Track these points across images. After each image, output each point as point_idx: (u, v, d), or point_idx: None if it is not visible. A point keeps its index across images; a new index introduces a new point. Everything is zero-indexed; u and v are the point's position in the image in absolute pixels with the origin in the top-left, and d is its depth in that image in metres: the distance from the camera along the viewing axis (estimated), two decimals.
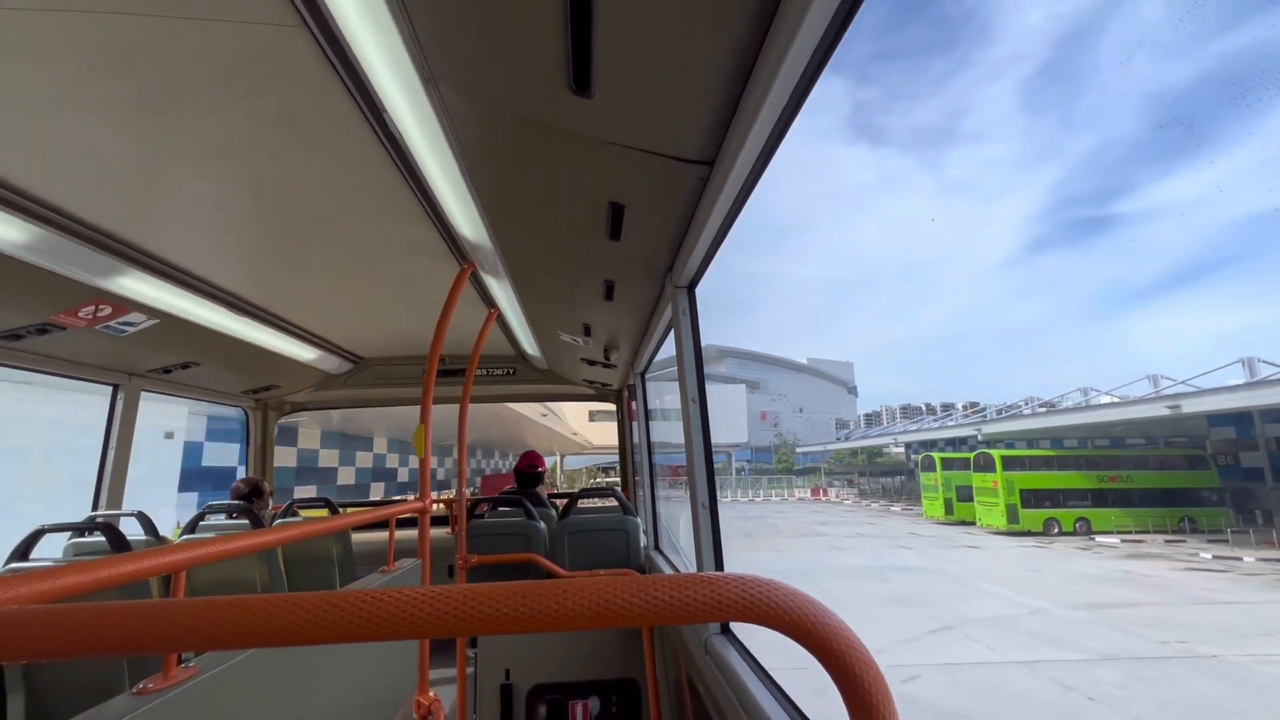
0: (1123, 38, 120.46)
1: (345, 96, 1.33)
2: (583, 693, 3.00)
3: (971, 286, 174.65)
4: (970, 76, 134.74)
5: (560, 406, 17.65)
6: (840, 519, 30.72)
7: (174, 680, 1.33)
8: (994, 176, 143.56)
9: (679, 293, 2.05)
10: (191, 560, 1.18)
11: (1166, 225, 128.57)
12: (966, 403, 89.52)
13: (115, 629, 0.48)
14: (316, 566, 3.36)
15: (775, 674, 1.52)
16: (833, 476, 56.82)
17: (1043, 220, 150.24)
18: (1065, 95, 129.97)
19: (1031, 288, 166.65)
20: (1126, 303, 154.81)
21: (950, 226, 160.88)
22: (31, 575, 0.76)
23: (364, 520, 2.14)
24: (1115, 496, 23.12)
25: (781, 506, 41.25)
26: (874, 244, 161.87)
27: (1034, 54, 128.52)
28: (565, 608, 0.49)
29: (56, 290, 2.13)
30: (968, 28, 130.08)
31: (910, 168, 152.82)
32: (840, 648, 0.47)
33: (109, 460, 3.17)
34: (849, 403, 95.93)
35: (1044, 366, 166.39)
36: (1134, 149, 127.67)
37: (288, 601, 0.49)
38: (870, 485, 50.01)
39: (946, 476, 27.12)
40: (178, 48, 1.18)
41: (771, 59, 0.98)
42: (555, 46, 1.04)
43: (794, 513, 35.36)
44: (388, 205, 1.90)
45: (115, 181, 1.69)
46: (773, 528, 27.23)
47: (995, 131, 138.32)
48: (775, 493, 49.71)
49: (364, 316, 3.30)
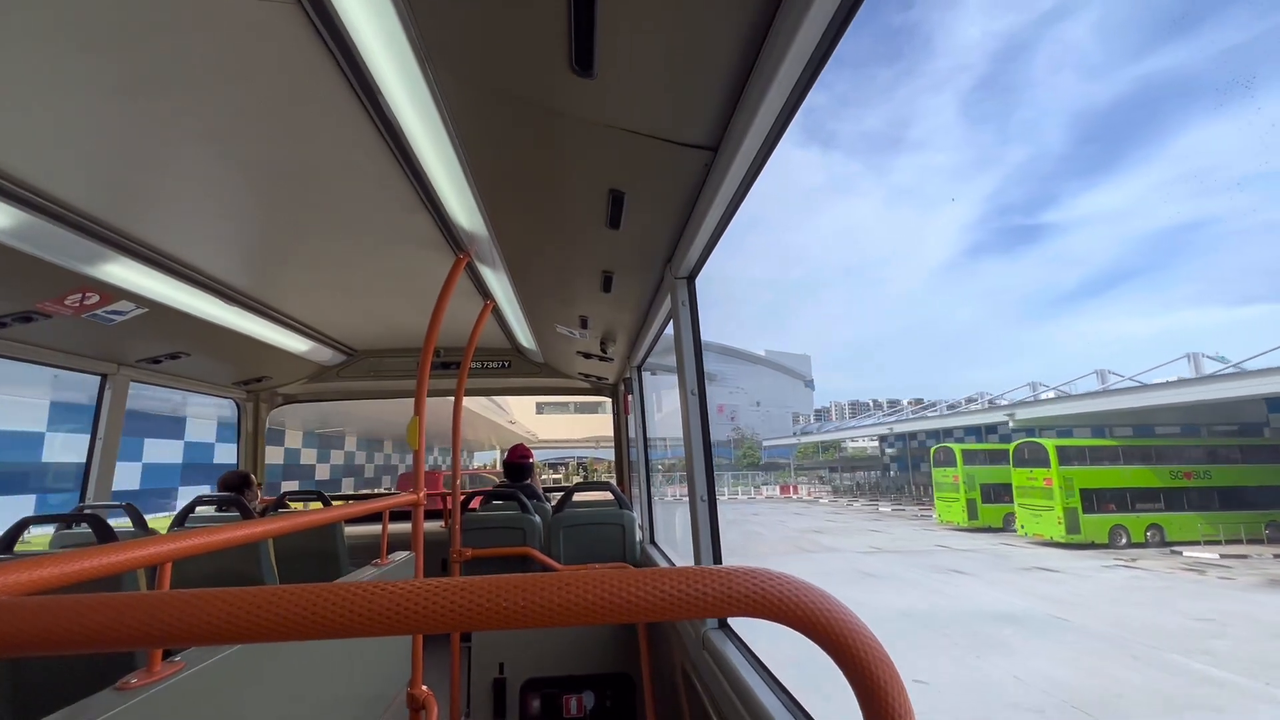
0: (1053, 56, 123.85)
1: (339, 77, 1.29)
2: (577, 687, 2.99)
3: (915, 289, 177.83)
4: (915, 86, 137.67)
5: (505, 399, 17.09)
6: (832, 523, 25.66)
7: (158, 676, 1.30)
8: (936, 183, 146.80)
9: (679, 284, 2.03)
10: (178, 552, 1.15)
11: (1089, 234, 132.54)
12: (911, 399, 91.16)
13: (97, 623, 0.46)
14: (308, 560, 3.32)
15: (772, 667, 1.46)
16: (800, 473, 52.30)
17: (978, 227, 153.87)
18: (1002, 108, 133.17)
19: (968, 292, 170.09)
20: (1056, 306, 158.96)
21: (895, 231, 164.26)
22: (10, 566, 0.73)
23: (356, 513, 2.11)
24: (1193, 497, 18.23)
25: (753, 507, 35.99)
26: (823, 246, 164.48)
27: (974, 65, 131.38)
28: (565, 602, 0.47)
29: (42, 277, 2.08)
30: (913, 39, 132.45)
31: (858, 172, 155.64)
32: (856, 644, 0.45)
33: (97, 451, 3.12)
34: (806, 396, 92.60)
35: (984, 366, 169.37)
36: (1061, 162, 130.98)
37: (278, 594, 0.47)
38: (842, 481, 46.92)
39: (969, 473, 21.78)
40: (167, 27, 1.14)
41: (778, 43, 0.96)
42: (557, 23, 1.01)
43: (771, 514, 30.34)
44: (382, 192, 1.86)
45: (102, 165, 1.64)
46: (754, 535, 22.41)
47: (938, 140, 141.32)
48: (741, 490, 45.04)
49: (358, 307, 3.26)
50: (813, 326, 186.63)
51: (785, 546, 19.06)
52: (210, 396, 4.08)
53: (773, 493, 43.91)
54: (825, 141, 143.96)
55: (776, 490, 44.43)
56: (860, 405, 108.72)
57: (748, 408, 76.42)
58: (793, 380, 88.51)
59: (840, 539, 20.47)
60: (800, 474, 51.22)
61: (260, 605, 0.46)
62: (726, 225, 1.68)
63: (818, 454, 57.32)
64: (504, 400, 16.47)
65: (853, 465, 49.77)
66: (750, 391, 78.46)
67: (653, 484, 4.18)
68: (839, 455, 55.25)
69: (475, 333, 2.96)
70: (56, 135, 1.48)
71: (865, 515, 29.56)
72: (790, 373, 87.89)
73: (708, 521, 1.92)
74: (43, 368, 2.83)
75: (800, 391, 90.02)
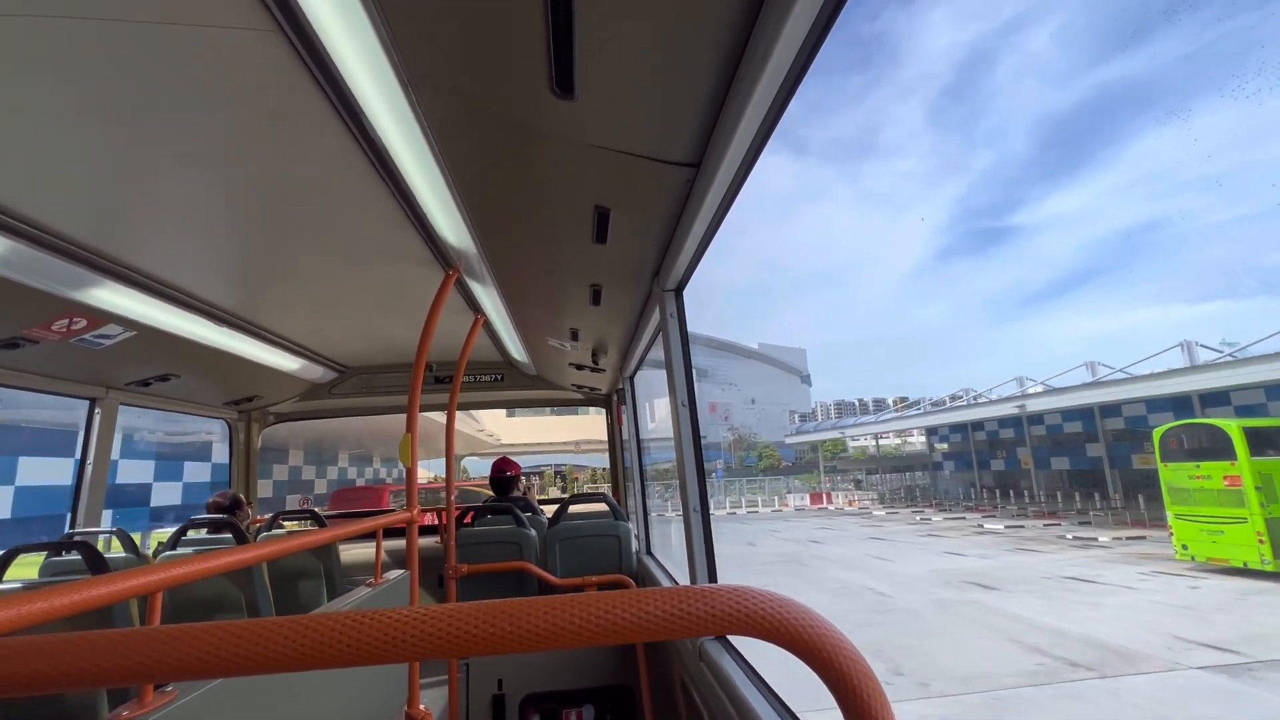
0: (1016, 65, 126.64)
1: (324, 102, 1.31)
2: (576, 701, 2.97)
3: (886, 293, 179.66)
4: (884, 94, 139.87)
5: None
6: (947, 560, 14.27)
7: (150, 707, 1.29)
8: (907, 188, 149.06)
9: (667, 296, 2.04)
10: (170, 581, 1.14)
11: (1053, 236, 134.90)
12: (896, 398, 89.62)
13: (86, 663, 0.46)
14: (303, 580, 3.29)
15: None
16: (827, 475, 43.25)
17: (948, 230, 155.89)
18: (967, 116, 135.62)
19: (937, 293, 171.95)
20: (1022, 308, 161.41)
21: (866, 236, 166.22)
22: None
23: (350, 533, 2.10)
24: None
25: (787, 525, 24.53)
26: (796, 251, 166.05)
27: (940, 74, 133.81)
28: (556, 625, 0.47)
29: (28, 303, 2.07)
30: (881, 48, 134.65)
31: (830, 178, 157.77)
32: (838, 659, 0.46)
33: (86, 476, 3.09)
34: (803, 393, 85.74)
35: (959, 366, 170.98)
36: (1026, 167, 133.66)
37: (270, 627, 0.47)
38: (883, 484, 38.39)
39: (1264, 469, 11.29)
40: (152, 53, 1.15)
41: (756, 59, 0.98)
42: (537, 48, 1.03)
43: (833, 543, 18.59)
44: (370, 212, 1.87)
45: (88, 191, 1.64)
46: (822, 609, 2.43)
47: (908, 146, 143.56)
48: (761, 499, 36.06)
49: (348, 325, 3.26)
50: (788, 330, 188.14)
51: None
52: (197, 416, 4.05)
53: (801, 502, 35.78)
54: (797, 148, 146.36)
55: (806, 499, 35.93)
56: (846, 405, 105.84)
57: (741, 406, 71.36)
58: (788, 375, 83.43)
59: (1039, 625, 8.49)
60: (825, 476, 43.19)
61: (253, 639, 0.47)
62: (712, 238, 1.70)
63: (857, 453, 49.41)
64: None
65: (892, 466, 42.68)
66: (743, 388, 73.37)
67: (653, 495, 4.17)
68: (867, 455, 47.69)
69: (467, 347, 2.96)
70: (40, 160, 1.48)
71: (967, 537, 18.17)
72: (785, 368, 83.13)
73: (701, 533, 1.92)
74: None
75: (796, 388, 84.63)
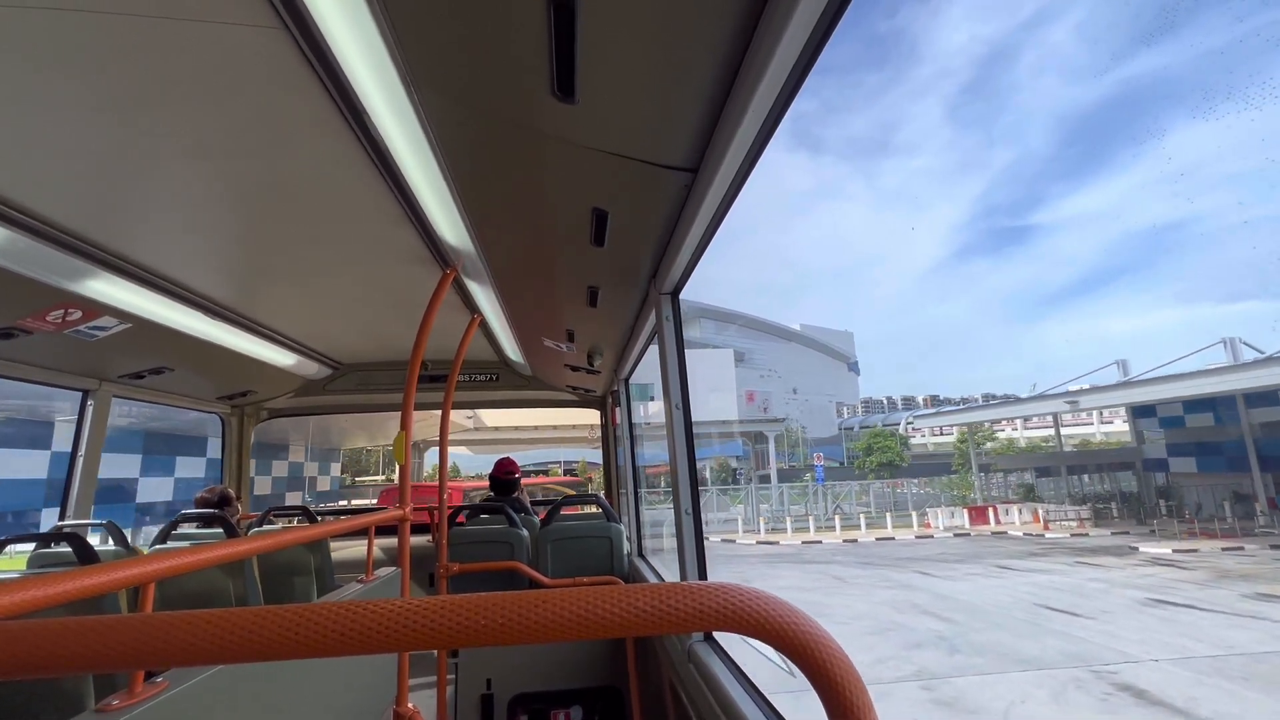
0: (1037, 61, 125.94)
1: (325, 99, 1.32)
2: (565, 701, 2.97)
3: (905, 291, 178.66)
4: (901, 92, 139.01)
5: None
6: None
7: (140, 697, 1.29)
8: (924, 186, 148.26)
9: (663, 299, 2.05)
10: (161, 572, 1.14)
11: (1074, 235, 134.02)
12: (926, 396, 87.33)
13: (77, 647, 0.47)
14: (293, 576, 3.29)
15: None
16: (990, 476, 30.64)
17: (967, 228, 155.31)
18: (987, 112, 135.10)
19: (954, 291, 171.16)
20: (1042, 307, 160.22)
21: (884, 234, 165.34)
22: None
23: (341, 530, 2.10)
24: None
25: (988, 583, 13.76)
26: (813, 249, 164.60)
27: (958, 71, 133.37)
28: (546, 619, 0.48)
29: (23, 293, 2.07)
30: (899, 45, 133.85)
31: (846, 176, 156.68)
32: (822, 656, 0.47)
33: (78, 468, 3.08)
34: (850, 382, 72.58)
35: (980, 366, 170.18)
36: (1047, 164, 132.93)
37: (260, 615, 0.48)
38: (1057, 490, 27.60)
39: None
40: (153, 47, 1.16)
41: (756, 65, 0.99)
42: (539, 51, 1.04)
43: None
44: (369, 209, 1.88)
45: (86, 182, 1.65)
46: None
47: (925, 144, 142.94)
48: (864, 519, 25.13)
49: (344, 321, 3.26)
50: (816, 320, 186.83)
51: None
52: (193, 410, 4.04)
53: (953, 520, 24.67)
54: (814, 147, 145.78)
55: (964, 517, 24.26)
56: (873, 402, 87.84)
57: (783, 396, 57.43)
58: (834, 362, 70.60)
59: None
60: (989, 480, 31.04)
61: (244, 626, 0.48)
62: (709, 242, 1.72)
63: (1007, 448, 37.22)
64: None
65: (1088, 465, 28.73)
66: (784, 375, 60.32)
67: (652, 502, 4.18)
68: (1015, 449, 36.78)
69: (463, 346, 2.97)
70: (40, 152, 1.48)
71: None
72: (830, 352, 70.32)
73: (692, 534, 1.94)
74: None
75: (843, 376, 71.97)
